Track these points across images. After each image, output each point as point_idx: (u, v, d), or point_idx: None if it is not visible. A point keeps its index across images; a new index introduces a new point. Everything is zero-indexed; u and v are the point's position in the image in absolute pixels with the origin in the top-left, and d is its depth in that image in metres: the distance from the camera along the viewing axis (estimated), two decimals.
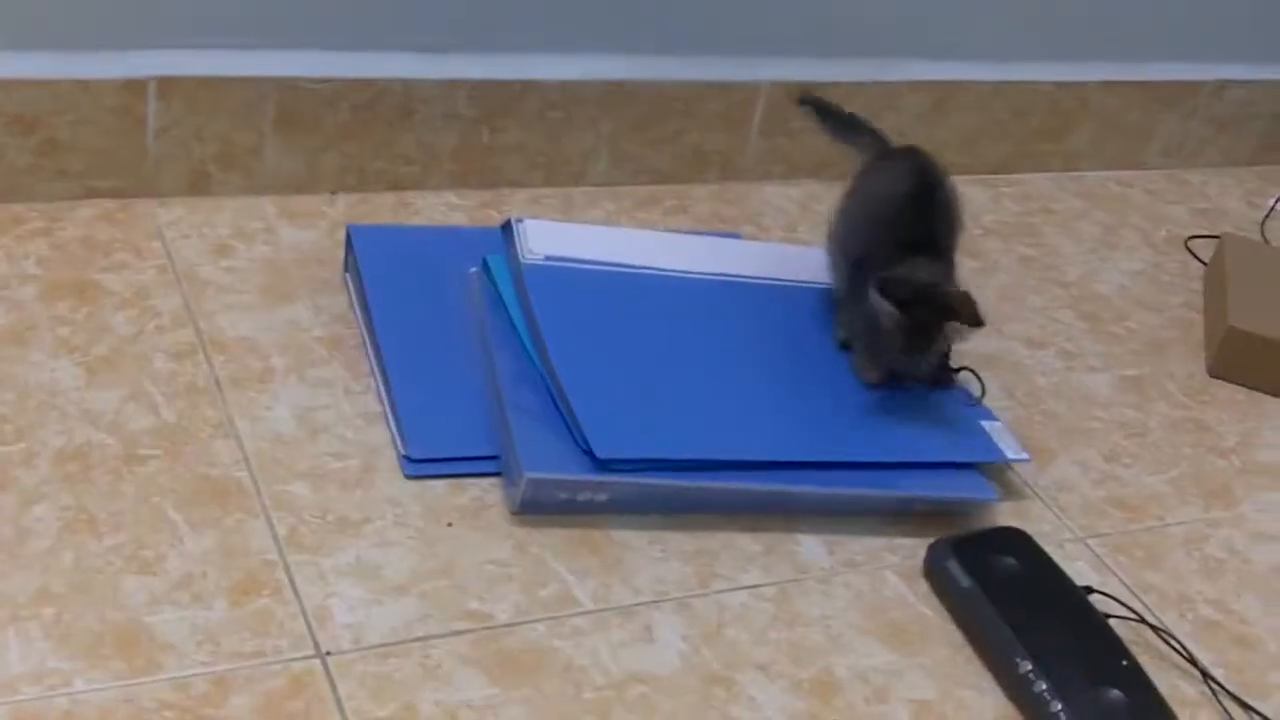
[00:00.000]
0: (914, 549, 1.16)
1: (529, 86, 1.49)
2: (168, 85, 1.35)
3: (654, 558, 1.11)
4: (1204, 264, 1.67)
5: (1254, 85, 1.90)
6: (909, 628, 1.10)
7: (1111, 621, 1.12)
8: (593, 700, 0.98)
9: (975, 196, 1.72)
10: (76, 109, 1.33)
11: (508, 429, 1.13)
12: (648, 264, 1.31)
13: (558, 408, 1.14)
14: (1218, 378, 1.47)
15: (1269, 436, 1.40)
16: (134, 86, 1.34)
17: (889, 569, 1.15)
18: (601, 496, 1.12)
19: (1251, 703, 1.09)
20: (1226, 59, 1.88)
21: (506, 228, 1.28)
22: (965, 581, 1.11)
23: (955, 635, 1.10)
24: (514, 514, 1.11)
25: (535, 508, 1.11)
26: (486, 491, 1.13)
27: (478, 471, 1.14)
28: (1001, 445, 1.24)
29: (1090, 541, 1.23)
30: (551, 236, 1.28)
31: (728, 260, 1.37)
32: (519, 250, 1.26)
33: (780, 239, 1.55)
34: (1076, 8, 1.75)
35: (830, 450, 1.18)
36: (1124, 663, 1.07)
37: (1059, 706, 1.02)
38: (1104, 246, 1.69)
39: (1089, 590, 1.14)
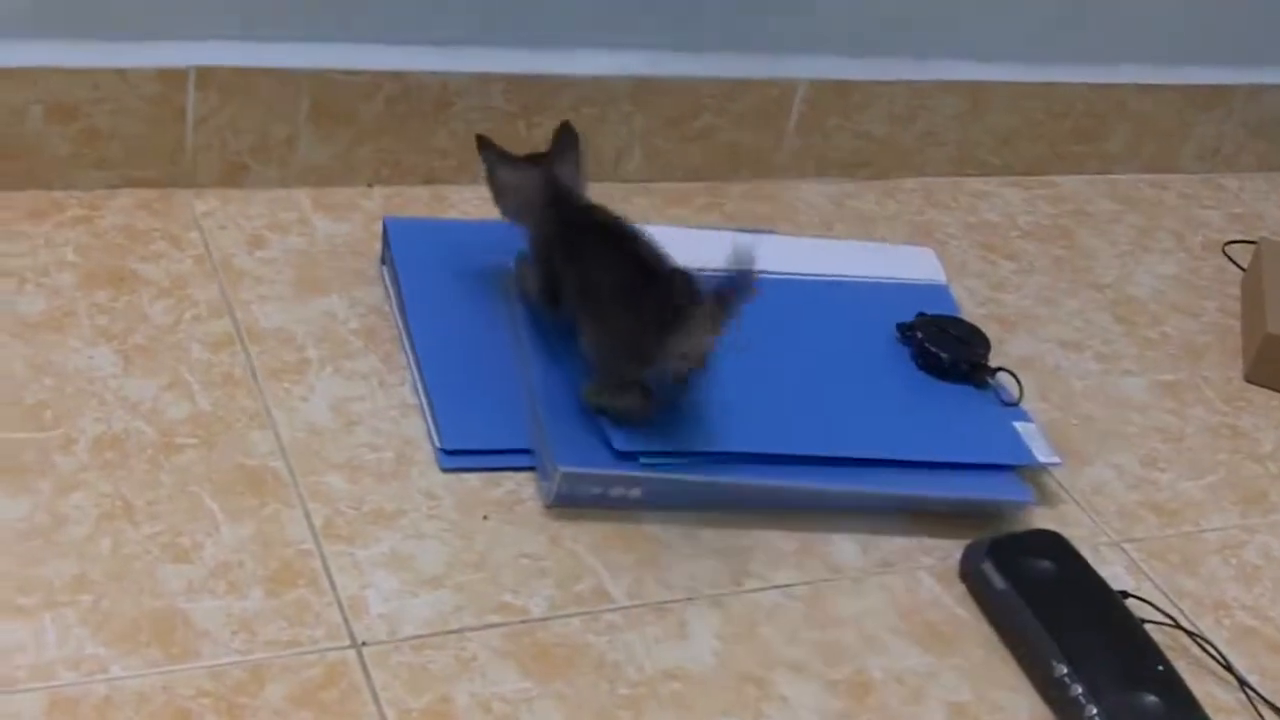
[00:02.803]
0: (949, 550, 1.16)
1: (564, 81, 1.49)
2: (206, 76, 1.35)
3: (687, 554, 1.11)
4: (1241, 269, 1.66)
5: None
6: (944, 629, 1.10)
7: (1147, 626, 1.11)
8: (627, 696, 0.98)
9: (1011, 198, 1.71)
10: (116, 98, 1.33)
11: (541, 423, 1.13)
12: (683, 260, 1.30)
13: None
14: (1254, 383, 1.46)
15: None
16: (173, 77, 1.34)
17: (923, 570, 1.15)
18: (635, 492, 1.12)
19: None
20: (1263, 62, 1.87)
21: None
22: (1001, 583, 1.11)
23: (990, 637, 1.10)
24: (548, 508, 1.11)
25: (569, 502, 1.11)
26: (521, 485, 1.13)
27: (512, 465, 1.14)
28: (1034, 448, 1.23)
29: (1126, 546, 1.22)
30: None
31: (765, 254, 1.37)
32: None
33: (814, 236, 1.55)
34: (1113, 10, 1.74)
35: (863, 447, 1.17)
36: (1160, 668, 1.07)
37: (1094, 710, 1.02)
38: (1139, 250, 1.68)
39: (1125, 594, 1.13)
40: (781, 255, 1.38)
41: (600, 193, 1.53)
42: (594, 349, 1.13)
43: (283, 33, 1.39)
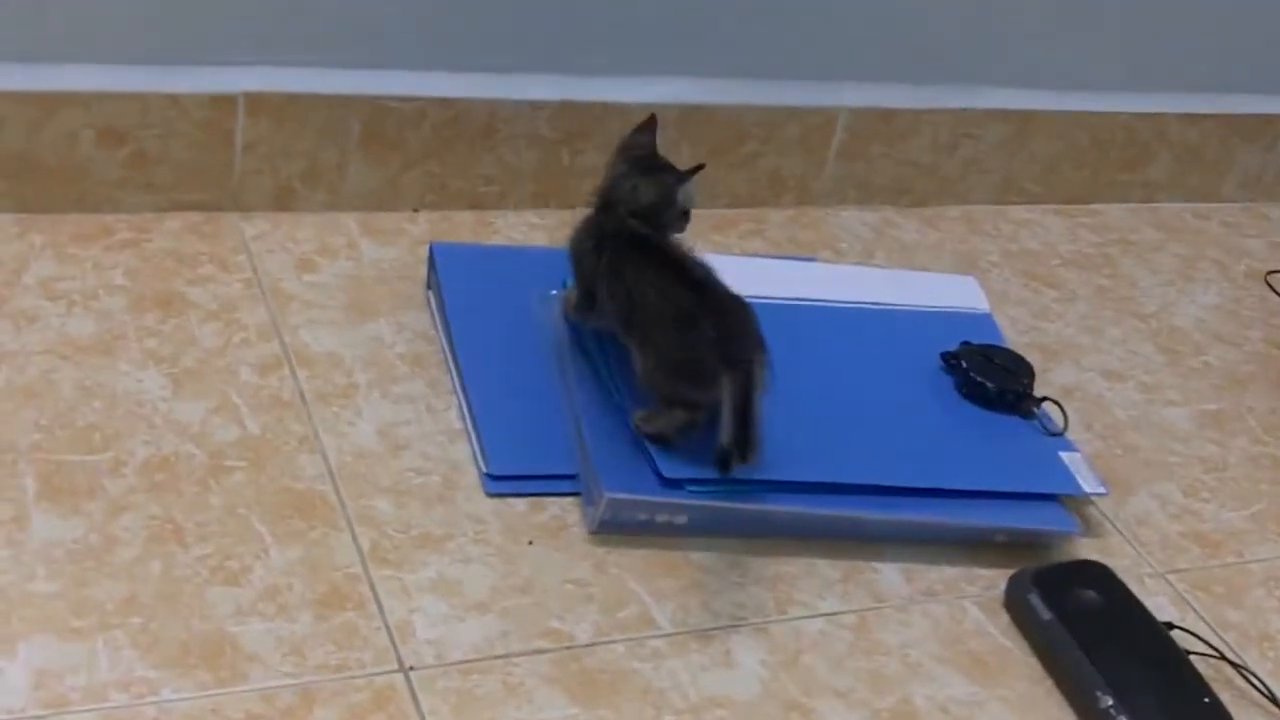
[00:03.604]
0: (994, 580, 1.16)
1: (609, 108, 1.50)
2: (255, 101, 1.37)
3: (733, 582, 1.11)
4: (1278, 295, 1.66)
5: None
6: (988, 659, 1.10)
7: (1192, 658, 1.11)
8: None
9: (1053, 226, 1.71)
10: (165, 123, 1.35)
11: (586, 449, 1.14)
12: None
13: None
14: None
15: None
16: (222, 102, 1.36)
17: (968, 599, 1.14)
18: (680, 519, 1.12)
19: None
20: None
21: None
22: (1046, 614, 1.10)
23: (1035, 668, 1.10)
24: (593, 534, 1.12)
25: (614, 528, 1.11)
26: (566, 511, 1.13)
27: (557, 490, 1.14)
28: (1080, 478, 1.23)
29: (1170, 577, 1.22)
30: None
31: (803, 283, 1.38)
32: None
33: (856, 264, 1.55)
34: (1157, 38, 1.74)
35: (908, 476, 1.17)
36: (1206, 700, 1.06)
37: None
38: (1181, 279, 1.67)
39: (1170, 626, 1.13)
40: (824, 283, 1.39)
41: None
42: (650, 373, 1.13)
43: (332, 58, 1.40)
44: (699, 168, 1.19)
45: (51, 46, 1.31)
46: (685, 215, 1.20)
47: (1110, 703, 1.04)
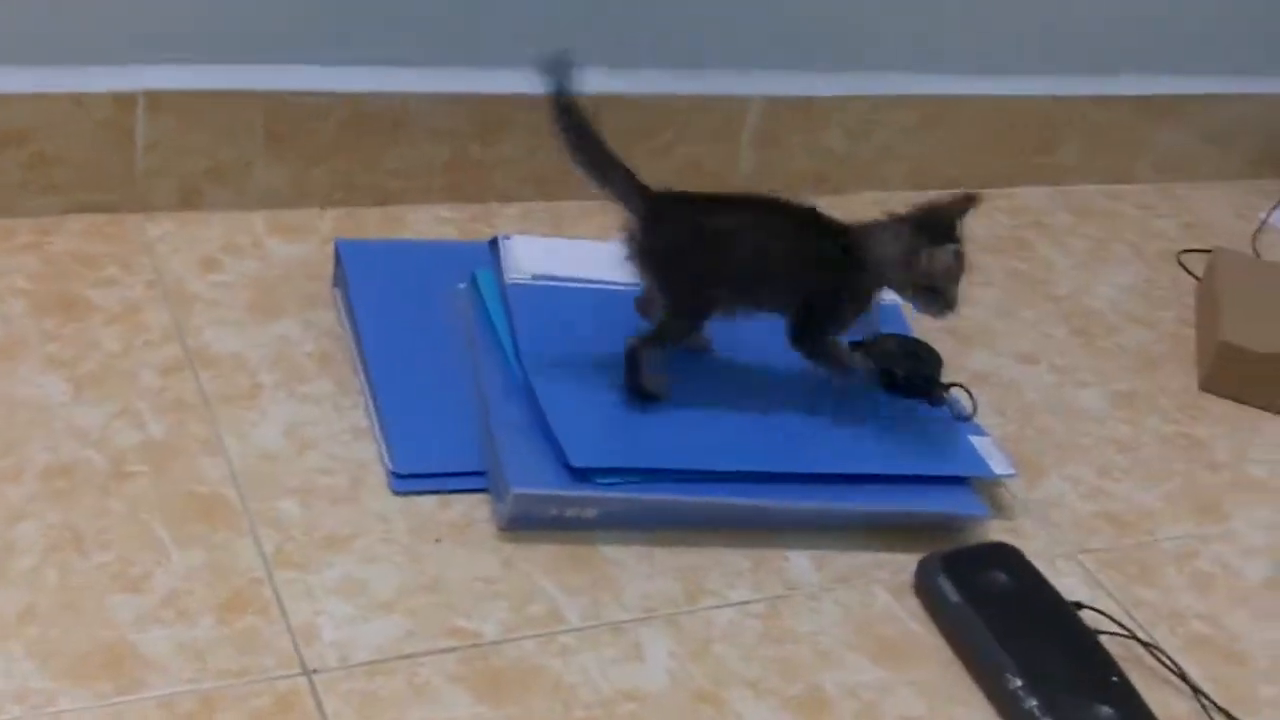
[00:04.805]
0: (904, 565, 1.16)
1: (519, 100, 1.49)
2: (157, 100, 1.35)
3: (642, 574, 1.11)
4: (1196, 279, 1.67)
5: (1243, 99, 1.91)
6: (899, 644, 1.10)
7: (1102, 638, 1.12)
8: (582, 718, 0.98)
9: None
10: (66, 123, 1.33)
11: (495, 445, 1.13)
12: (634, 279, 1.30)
13: (541, 425, 1.14)
14: (1209, 392, 1.47)
15: (1260, 452, 1.40)
16: (123, 101, 1.34)
17: (878, 584, 1.15)
18: (589, 513, 1.12)
19: (1242, 718, 1.09)
20: (1216, 73, 1.88)
21: (493, 244, 1.28)
22: (955, 597, 1.11)
23: (945, 651, 1.10)
24: (501, 530, 1.11)
25: (523, 524, 1.11)
26: (474, 507, 1.13)
27: (465, 488, 1.13)
28: (989, 460, 1.23)
29: (1081, 557, 1.23)
30: (537, 254, 1.28)
31: None
32: (504, 268, 1.26)
33: None
34: (1067, 22, 1.75)
35: (816, 463, 1.17)
36: (1114, 679, 1.07)
37: None
38: (1095, 261, 1.69)
39: (1079, 606, 1.14)
40: None
41: (560, 211, 1.55)
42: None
43: (234, 55, 1.38)
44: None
45: None
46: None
47: (1019, 684, 1.05)
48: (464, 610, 1.04)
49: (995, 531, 1.22)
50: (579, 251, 1.34)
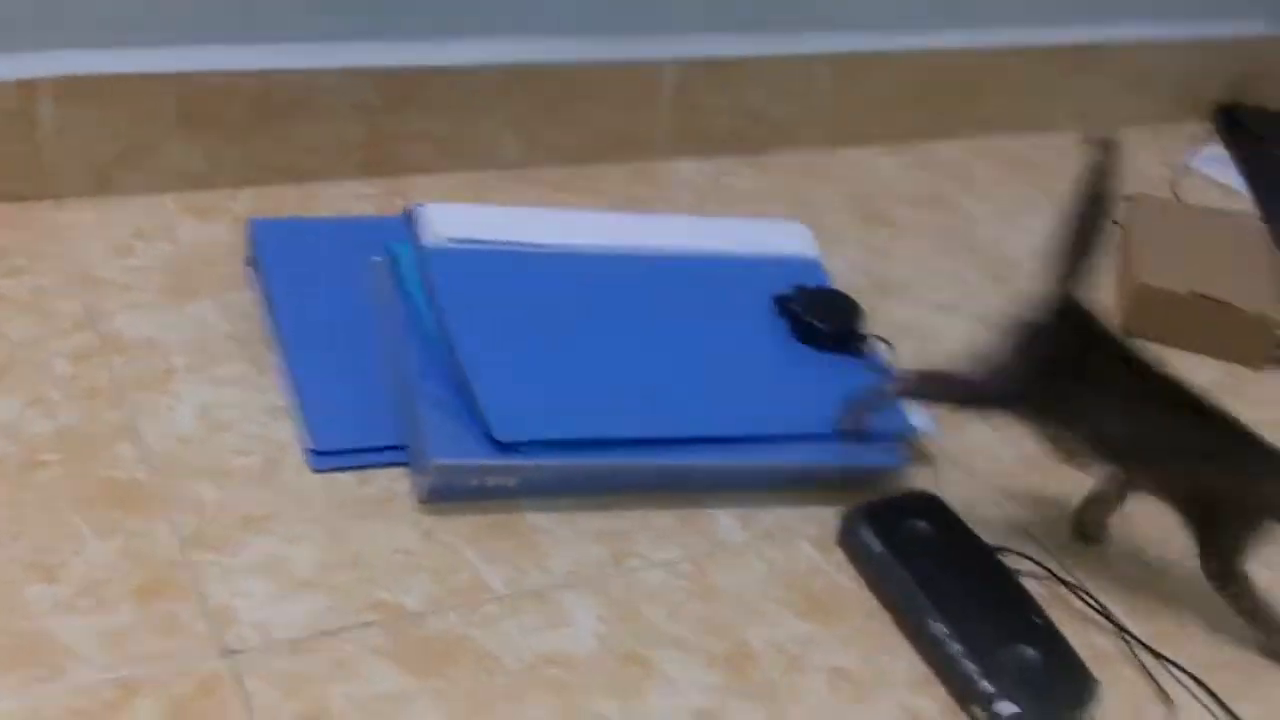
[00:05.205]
0: (828, 518, 1.17)
1: (432, 72, 1.48)
2: (62, 85, 1.33)
3: (567, 539, 1.11)
4: (1116, 224, 1.68)
5: (1162, 45, 1.92)
6: (824, 596, 1.10)
7: (1025, 580, 1.13)
8: (506, 686, 0.98)
9: (885, 166, 1.73)
10: None
11: (415, 417, 1.12)
12: (555, 242, 1.30)
13: (463, 394, 1.13)
14: (1130, 334, 1.48)
15: None
16: (26, 88, 1.32)
17: (803, 539, 1.15)
18: (511, 481, 1.12)
19: (1166, 654, 1.10)
20: (1134, 19, 1.89)
21: (408, 215, 1.27)
22: (878, 547, 1.11)
23: (870, 602, 1.11)
24: (423, 503, 1.10)
25: (444, 495, 1.10)
26: (395, 481, 1.12)
27: (385, 462, 1.13)
28: (908, 413, 1.24)
29: (1003, 502, 1.23)
30: (456, 220, 1.27)
31: (637, 234, 1.37)
32: (422, 235, 1.25)
33: (687, 215, 1.55)
34: None
35: (736, 423, 1.17)
36: (1037, 620, 1.08)
37: (972, 667, 1.03)
38: (1016, 210, 1.69)
39: (1000, 549, 1.15)
40: (652, 234, 1.38)
41: (480, 182, 1.54)
42: None
43: (139, 38, 1.36)
44: None
45: None
46: None
47: (943, 630, 1.05)
48: (386, 584, 1.04)
49: (919, 481, 1.23)
50: (498, 216, 1.33)
